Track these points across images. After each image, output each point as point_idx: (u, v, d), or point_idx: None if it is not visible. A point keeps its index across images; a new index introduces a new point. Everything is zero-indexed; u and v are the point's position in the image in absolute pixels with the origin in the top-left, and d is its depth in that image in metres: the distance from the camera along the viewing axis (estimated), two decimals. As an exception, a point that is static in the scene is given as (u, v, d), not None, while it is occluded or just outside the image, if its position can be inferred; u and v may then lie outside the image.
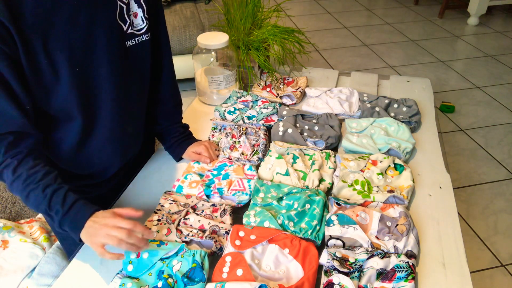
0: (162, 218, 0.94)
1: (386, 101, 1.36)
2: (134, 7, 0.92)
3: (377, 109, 1.32)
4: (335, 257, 0.83)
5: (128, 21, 0.91)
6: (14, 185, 0.82)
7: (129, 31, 0.92)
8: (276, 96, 1.44)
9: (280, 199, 1.00)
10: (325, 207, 0.98)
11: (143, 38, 0.96)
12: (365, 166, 1.08)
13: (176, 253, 0.86)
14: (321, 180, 1.07)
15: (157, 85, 1.11)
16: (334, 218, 0.92)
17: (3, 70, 0.77)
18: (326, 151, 1.15)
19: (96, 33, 0.85)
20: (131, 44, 0.93)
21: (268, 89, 1.48)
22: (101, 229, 0.78)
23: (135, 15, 0.93)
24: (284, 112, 1.31)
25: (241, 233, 0.90)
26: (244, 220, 0.95)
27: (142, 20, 0.94)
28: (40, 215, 1.54)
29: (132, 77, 0.98)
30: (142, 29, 0.95)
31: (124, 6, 0.90)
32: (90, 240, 0.80)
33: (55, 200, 0.81)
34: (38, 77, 0.82)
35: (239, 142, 1.22)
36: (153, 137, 1.30)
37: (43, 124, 0.89)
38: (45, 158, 0.89)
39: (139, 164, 1.18)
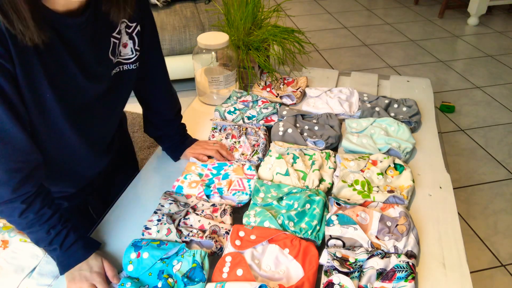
0: (162, 218, 0.94)
1: (386, 101, 1.36)
2: (124, 38, 0.91)
3: (377, 109, 1.32)
4: (335, 257, 0.83)
5: (117, 52, 0.91)
6: (17, 222, 0.83)
7: (116, 60, 0.91)
8: (276, 96, 1.44)
9: (280, 199, 1.00)
10: (325, 207, 0.98)
11: (129, 67, 0.95)
12: (365, 166, 1.08)
13: (176, 253, 0.86)
14: (321, 180, 1.07)
15: (157, 99, 1.12)
16: (334, 218, 0.92)
17: (5, 86, 0.72)
18: (326, 151, 1.15)
19: (87, 69, 0.84)
20: (115, 72, 0.93)
21: (268, 89, 1.48)
22: (81, 281, 0.83)
23: (125, 46, 0.92)
24: (284, 112, 1.31)
25: (241, 233, 0.90)
26: (244, 220, 0.95)
27: (132, 51, 0.94)
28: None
29: (111, 102, 0.97)
30: (130, 59, 0.94)
31: (117, 42, 0.89)
32: (68, 283, 0.84)
33: (56, 240, 0.85)
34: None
35: (239, 142, 1.22)
36: (131, 144, 1.29)
37: None
38: (50, 195, 0.87)
39: (116, 170, 1.18)
